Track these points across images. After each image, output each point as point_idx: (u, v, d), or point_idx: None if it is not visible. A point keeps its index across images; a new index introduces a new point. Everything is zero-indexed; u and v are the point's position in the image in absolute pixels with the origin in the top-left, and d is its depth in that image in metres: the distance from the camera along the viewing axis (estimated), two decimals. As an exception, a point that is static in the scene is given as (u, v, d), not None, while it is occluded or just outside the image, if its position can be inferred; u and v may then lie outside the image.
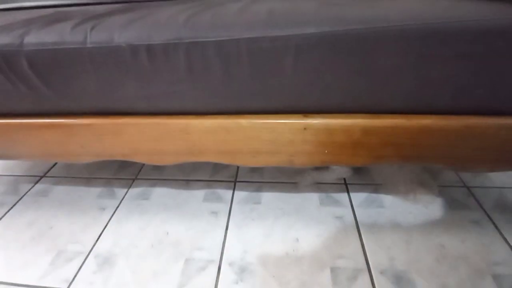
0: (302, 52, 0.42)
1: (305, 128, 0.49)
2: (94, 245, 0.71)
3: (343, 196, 0.81)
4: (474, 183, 0.82)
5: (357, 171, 0.85)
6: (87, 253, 0.69)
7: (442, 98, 0.44)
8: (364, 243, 0.68)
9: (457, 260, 0.62)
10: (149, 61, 0.45)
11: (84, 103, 0.52)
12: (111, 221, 0.77)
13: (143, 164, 0.96)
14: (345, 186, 0.84)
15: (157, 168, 0.95)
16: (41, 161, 1.04)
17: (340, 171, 0.85)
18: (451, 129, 0.46)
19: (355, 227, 0.72)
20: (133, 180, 0.91)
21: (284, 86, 0.46)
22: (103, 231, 0.75)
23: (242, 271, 0.63)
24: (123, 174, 0.93)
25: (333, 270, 0.62)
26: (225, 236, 0.71)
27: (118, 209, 0.81)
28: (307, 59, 0.43)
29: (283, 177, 0.88)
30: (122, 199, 0.84)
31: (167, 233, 0.73)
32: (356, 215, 0.74)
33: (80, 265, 0.66)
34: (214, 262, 0.65)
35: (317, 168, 0.86)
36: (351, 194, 0.81)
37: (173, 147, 0.54)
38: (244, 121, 0.50)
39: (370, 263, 0.63)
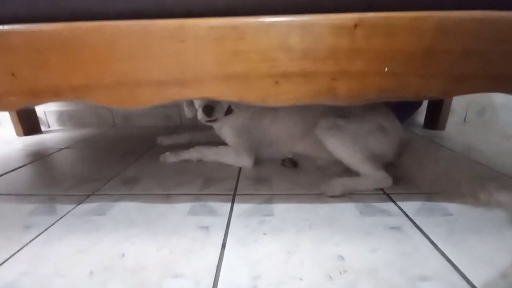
0: None
1: (355, 25, 0.33)
2: (-14, 277, 0.40)
3: (389, 206, 0.57)
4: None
5: (397, 181, 0.64)
6: (-33, 290, 0.38)
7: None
8: (450, 257, 0.42)
9: None
10: None
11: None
12: (33, 242, 0.48)
13: (108, 181, 0.71)
14: (387, 196, 0.61)
15: (128, 183, 0.70)
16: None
17: (376, 177, 0.63)
18: None
19: (424, 238, 0.46)
20: (88, 196, 0.64)
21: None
22: (13, 255, 0.44)
23: (255, 308, 0.34)
24: (77, 190, 0.67)
25: (420, 299, 0.34)
26: (221, 256, 0.43)
27: (53, 227, 0.52)
28: None
29: (299, 189, 0.65)
30: (64, 215, 0.56)
31: (122, 255, 0.44)
32: (420, 226, 0.50)
33: None
34: (201, 295, 0.36)
35: (347, 172, 0.64)
36: (399, 204, 0.58)
37: (157, 70, 0.36)
38: (267, 19, 0.34)
39: (475, 284, 0.36)
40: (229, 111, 0.81)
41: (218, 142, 0.85)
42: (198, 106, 0.77)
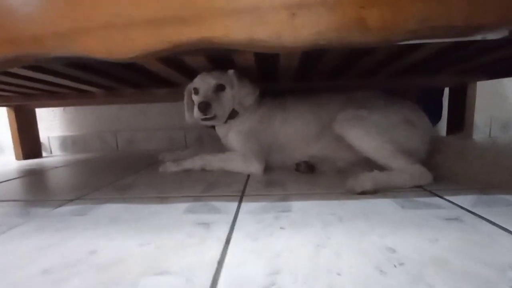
0: None
1: None
2: None
3: (436, 200, 0.46)
4: None
5: (436, 180, 0.53)
6: None
7: None
8: (547, 246, 0.30)
9: None
10: None
11: None
12: (-13, 241, 0.38)
13: (98, 189, 0.62)
14: (429, 192, 0.50)
15: (120, 189, 0.60)
16: None
17: (414, 171, 0.53)
18: None
19: (495, 227, 0.35)
20: (71, 200, 0.54)
21: None
22: (-46, 254, 0.34)
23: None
24: (60, 196, 0.57)
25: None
26: (224, 251, 0.32)
27: (19, 227, 0.42)
28: None
29: (319, 189, 0.54)
30: (37, 217, 0.46)
31: (93, 252, 0.33)
32: (484, 216, 0.38)
33: None
34: (194, 295, 0.25)
35: (379, 167, 0.54)
36: (448, 198, 0.46)
37: (153, 6, 0.30)
38: None
39: None
40: (233, 114, 0.74)
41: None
42: (196, 103, 0.70)
